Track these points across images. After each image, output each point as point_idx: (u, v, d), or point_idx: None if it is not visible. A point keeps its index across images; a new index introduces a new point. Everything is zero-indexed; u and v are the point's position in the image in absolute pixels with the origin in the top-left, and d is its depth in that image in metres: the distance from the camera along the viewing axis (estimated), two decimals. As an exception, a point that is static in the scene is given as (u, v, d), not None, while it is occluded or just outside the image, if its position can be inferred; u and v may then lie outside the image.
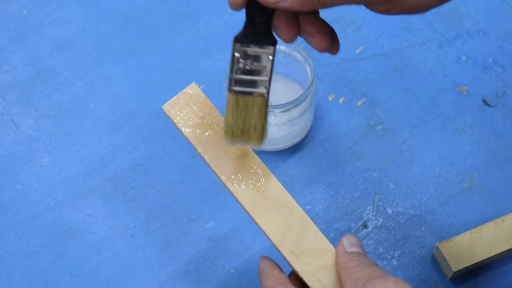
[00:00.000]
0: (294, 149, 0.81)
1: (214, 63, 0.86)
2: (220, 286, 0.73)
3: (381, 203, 0.77)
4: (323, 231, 0.76)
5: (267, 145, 0.79)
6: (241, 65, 0.50)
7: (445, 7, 0.90)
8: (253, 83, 0.50)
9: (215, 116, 0.56)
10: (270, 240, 0.54)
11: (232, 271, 0.74)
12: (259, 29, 0.49)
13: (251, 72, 0.50)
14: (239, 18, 0.91)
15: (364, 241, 0.75)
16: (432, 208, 0.77)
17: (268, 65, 0.49)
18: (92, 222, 0.76)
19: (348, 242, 0.51)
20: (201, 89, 0.58)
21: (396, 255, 0.75)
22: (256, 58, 0.49)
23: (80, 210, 0.77)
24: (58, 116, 0.83)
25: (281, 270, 0.52)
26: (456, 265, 0.71)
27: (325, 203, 0.77)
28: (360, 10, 0.90)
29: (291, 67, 0.81)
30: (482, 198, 0.78)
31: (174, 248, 0.75)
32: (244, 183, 0.55)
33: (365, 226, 0.76)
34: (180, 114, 0.57)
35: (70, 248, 0.75)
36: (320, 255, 0.53)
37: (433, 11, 0.90)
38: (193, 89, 0.58)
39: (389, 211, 0.77)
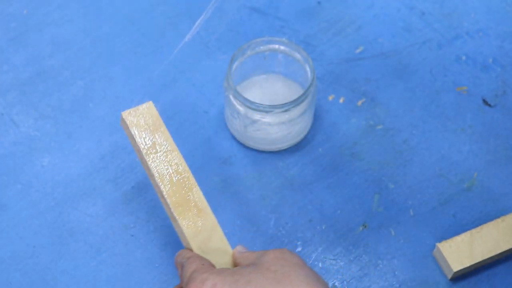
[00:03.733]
0: (294, 149, 0.80)
1: (214, 63, 0.86)
2: (220, 286, 0.73)
3: (381, 203, 0.77)
4: (323, 231, 0.76)
5: (267, 145, 0.79)
6: None
7: (445, 7, 0.91)
8: None
9: (163, 130, 0.68)
10: (184, 235, 0.65)
11: (232, 271, 0.74)
12: None
13: None
14: (239, 18, 0.91)
15: (364, 241, 0.75)
16: (432, 208, 0.77)
17: None
18: (92, 222, 0.76)
19: (240, 248, 0.65)
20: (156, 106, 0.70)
21: (396, 255, 0.75)
22: None
23: (80, 210, 0.77)
24: (58, 116, 0.83)
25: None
26: (456, 265, 0.71)
27: (325, 203, 0.77)
28: (360, 10, 0.90)
29: (291, 67, 0.81)
30: (482, 198, 0.78)
31: (174, 248, 0.75)
32: (175, 185, 0.66)
33: (365, 226, 0.76)
34: (136, 123, 0.68)
35: (70, 248, 0.75)
36: (221, 254, 0.65)
37: (433, 11, 0.90)
38: (149, 106, 0.70)
39: (389, 211, 0.77)
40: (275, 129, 0.77)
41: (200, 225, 0.65)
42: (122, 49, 0.87)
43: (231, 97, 0.76)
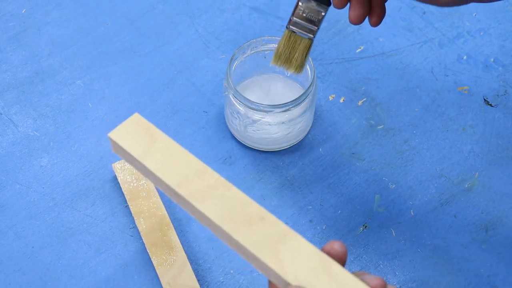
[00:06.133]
0: (294, 149, 0.80)
1: (214, 63, 0.86)
2: (219, 287, 0.73)
3: (381, 203, 0.77)
4: (323, 231, 0.75)
5: (267, 145, 0.79)
6: (300, 12, 0.68)
7: (446, 6, 0.90)
8: (304, 28, 0.69)
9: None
10: (156, 270, 0.71)
11: (232, 271, 0.74)
12: None
13: (305, 20, 0.68)
14: (239, 17, 0.91)
15: (365, 242, 0.75)
16: (433, 209, 0.77)
17: (320, 19, 0.68)
18: (91, 222, 0.76)
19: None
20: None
21: (397, 255, 0.74)
22: (313, 11, 0.68)
23: (79, 211, 0.77)
24: (57, 116, 0.82)
25: None
26: None
27: (325, 203, 0.77)
28: (361, 10, 0.90)
29: (291, 67, 0.80)
30: (483, 198, 0.77)
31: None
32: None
33: (365, 226, 0.76)
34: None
35: (69, 249, 0.75)
36: None
37: (434, 10, 0.90)
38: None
39: (390, 211, 0.77)
40: (275, 129, 0.77)
41: (169, 262, 0.70)
42: (121, 49, 0.87)
43: (231, 97, 0.76)
